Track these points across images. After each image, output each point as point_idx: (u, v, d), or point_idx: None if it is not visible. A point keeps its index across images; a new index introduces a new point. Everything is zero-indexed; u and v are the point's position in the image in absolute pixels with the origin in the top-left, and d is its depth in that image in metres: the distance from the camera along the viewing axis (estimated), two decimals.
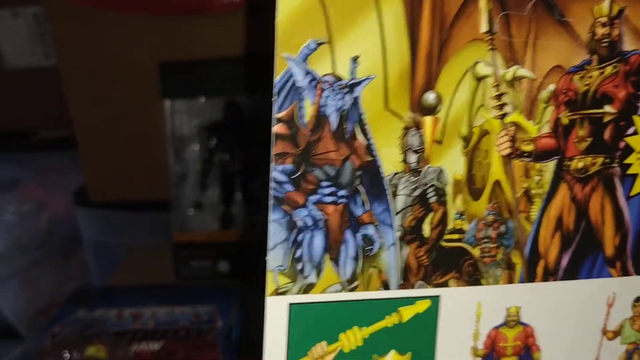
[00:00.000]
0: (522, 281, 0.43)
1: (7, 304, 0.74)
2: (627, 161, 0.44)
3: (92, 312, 0.75)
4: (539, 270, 0.43)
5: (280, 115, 0.37)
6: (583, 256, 0.44)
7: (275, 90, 0.36)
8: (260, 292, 0.38)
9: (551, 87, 0.41)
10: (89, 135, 0.81)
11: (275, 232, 0.37)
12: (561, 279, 0.44)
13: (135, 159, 0.82)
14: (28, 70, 0.83)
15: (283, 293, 0.38)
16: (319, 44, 0.36)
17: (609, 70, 0.43)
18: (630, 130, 0.44)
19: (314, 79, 0.37)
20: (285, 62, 0.36)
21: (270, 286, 0.38)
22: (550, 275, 0.44)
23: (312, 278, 0.39)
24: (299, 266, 0.38)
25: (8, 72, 0.83)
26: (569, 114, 0.42)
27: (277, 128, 0.37)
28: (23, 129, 0.86)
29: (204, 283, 0.82)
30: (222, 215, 0.82)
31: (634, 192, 0.45)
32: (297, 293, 0.38)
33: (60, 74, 0.78)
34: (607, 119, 0.43)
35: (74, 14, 0.76)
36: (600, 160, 0.43)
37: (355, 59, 0.37)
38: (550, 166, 0.42)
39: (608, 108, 0.43)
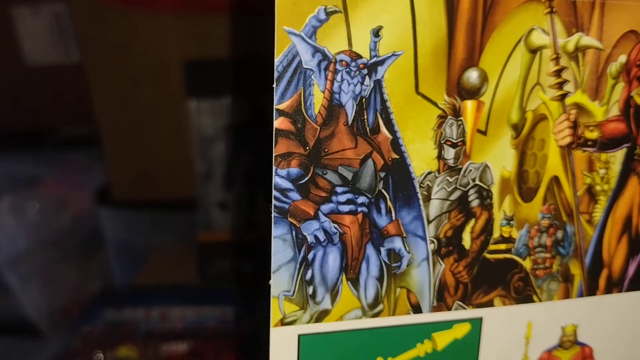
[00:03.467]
0: (580, 295, 0.36)
1: (29, 302, 0.74)
2: None
3: (121, 312, 0.74)
4: (602, 281, 0.36)
5: (283, 106, 0.29)
6: None
7: (275, 74, 0.28)
8: (266, 320, 0.31)
9: (622, 58, 0.33)
10: (114, 134, 0.80)
11: (280, 250, 0.30)
12: (627, 290, 0.36)
13: (159, 158, 0.80)
14: (49, 67, 0.81)
15: (291, 323, 0.31)
16: (331, 13, 0.28)
17: None
18: None
19: (324, 58, 0.29)
20: (288, 38, 0.28)
21: (275, 315, 0.31)
22: (614, 286, 0.36)
23: (326, 304, 0.31)
24: (310, 290, 0.31)
25: (29, 70, 0.81)
26: None
27: (278, 123, 0.29)
28: (44, 127, 0.85)
29: (229, 283, 0.80)
30: (247, 215, 0.79)
31: None
32: (308, 322, 0.31)
33: (86, 73, 0.77)
34: None
35: (100, 13, 0.74)
36: None
37: (377, 32, 0.29)
38: (618, 156, 0.34)
39: None
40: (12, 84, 0.80)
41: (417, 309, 0.33)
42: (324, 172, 0.30)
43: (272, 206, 0.29)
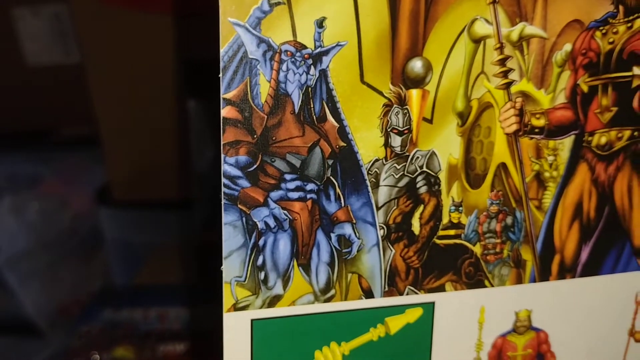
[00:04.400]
0: (533, 280, 0.36)
1: (30, 301, 0.74)
2: None
3: (119, 312, 0.74)
4: (554, 266, 0.37)
5: (230, 95, 0.30)
6: (606, 248, 0.37)
7: (221, 64, 0.29)
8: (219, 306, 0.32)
9: (567, 47, 0.34)
10: (114, 134, 0.80)
11: (230, 236, 0.31)
12: (580, 276, 0.37)
13: (159, 158, 0.80)
14: (49, 68, 0.83)
15: (243, 308, 0.32)
16: (275, 5, 0.29)
17: (639, 23, 0.35)
18: None
19: (269, 48, 0.30)
20: (233, 29, 0.29)
21: (227, 301, 0.32)
22: (567, 271, 0.37)
23: (278, 289, 0.32)
24: (262, 276, 0.32)
25: (30, 70, 0.82)
26: (589, 79, 0.35)
27: (226, 111, 0.30)
28: (45, 127, 0.86)
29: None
30: None
31: None
32: (261, 307, 0.32)
33: (86, 73, 0.78)
34: (636, 83, 0.35)
35: (100, 13, 0.75)
36: (627, 133, 0.36)
37: (320, 22, 0.30)
38: (566, 143, 0.35)
39: (638, 70, 0.35)
40: (13, 84, 0.81)
41: (369, 294, 0.33)
42: (273, 159, 0.31)
43: (222, 193, 0.30)
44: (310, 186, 0.31)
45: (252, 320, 0.32)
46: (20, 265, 0.74)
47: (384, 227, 0.33)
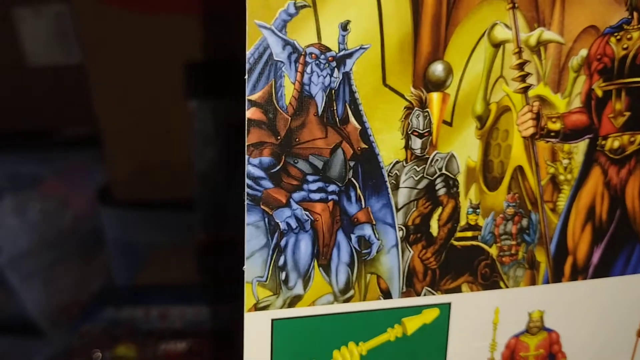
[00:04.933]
0: (546, 282, 0.37)
1: (31, 301, 0.75)
2: None
3: (120, 311, 0.75)
4: (567, 268, 0.37)
5: (255, 96, 0.30)
6: (617, 250, 0.38)
7: (247, 66, 0.29)
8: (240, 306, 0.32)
9: (583, 52, 0.34)
10: (115, 134, 0.81)
11: (253, 237, 0.31)
12: (591, 277, 0.38)
13: (160, 158, 0.80)
14: (50, 68, 0.82)
15: (264, 308, 0.32)
16: (300, 8, 0.29)
17: None
18: None
19: (294, 50, 0.30)
20: (259, 31, 0.29)
21: (248, 300, 0.32)
22: (579, 273, 0.37)
23: (298, 289, 0.32)
24: (283, 276, 0.32)
25: (31, 70, 0.82)
26: (604, 84, 0.35)
27: (250, 113, 0.30)
28: (46, 127, 0.86)
29: (229, 283, 0.80)
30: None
31: None
32: (281, 307, 0.32)
33: (87, 73, 0.78)
34: None
35: (101, 13, 0.75)
36: (639, 137, 0.37)
37: (345, 26, 0.30)
38: (581, 147, 0.36)
39: None
40: (14, 84, 0.80)
41: (387, 294, 0.34)
42: (295, 161, 0.31)
43: (245, 194, 0.31)
44: (331, 187, 0.32)
45: (272, 320, 0.32)
46: (22, 265, 0.74)
47: (403, 228, 0.33)
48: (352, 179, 0.32)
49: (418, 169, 0.33)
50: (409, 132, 0.32)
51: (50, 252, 0.77)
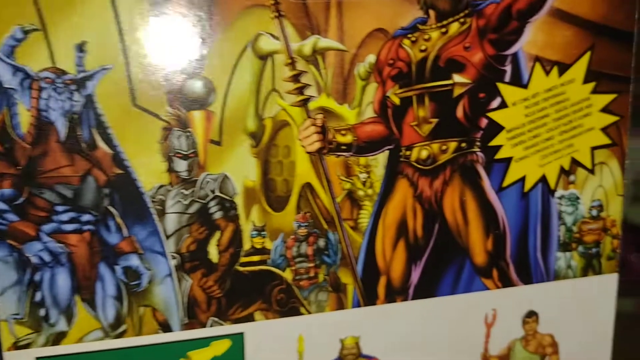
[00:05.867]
0: (357, 305, 0.34)
1: None
2: (493, 143, 0.35)
3: None
4: (380, 289, 0.35)
5: None
6: (441, 267, 0.35)
7: None
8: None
9: (371, 58, 0.32)
10: None
11: (2, 273, 0.29)
12: (413, 298, 0.35)
13: None
14: None
15: (25, 346, 0.30)
16: (28, 32, 0.28)
17: (454, 28, 0.33)
18: (495, 103, 0.34)
19: (27, 76, 0.28)
20: None
21: (7, 339, 0.30)
22: (396, 294, 0.35)
23: (61, 325, 0.31)
24: (42, 312, 0.30)
25: None
26: (401, 90, 0.33)
27: None
28: None
29: None
30: None
31: (508, 181, 0.35)
32: (45, 345, 0.31)
33: None
34: (458, 91, 0.33)
35: None
36: (452, 145, 0.34)
37: (81, 47, 0.28)
38: (380, 159, 0.33)
39: (458, 78, 0.33)
40: None
41: (166, 327, 0.32)
42: (41, 191, 0.29)
43: None
44: (86, 217, 0.30)
45: (36, 359, 0.30)
46: None
47: (177, 256, 0.31)
48: (109, 207, 0.30)
49: (186, 193, 0.31)
50: (171, 154, 0.30)
51: None
